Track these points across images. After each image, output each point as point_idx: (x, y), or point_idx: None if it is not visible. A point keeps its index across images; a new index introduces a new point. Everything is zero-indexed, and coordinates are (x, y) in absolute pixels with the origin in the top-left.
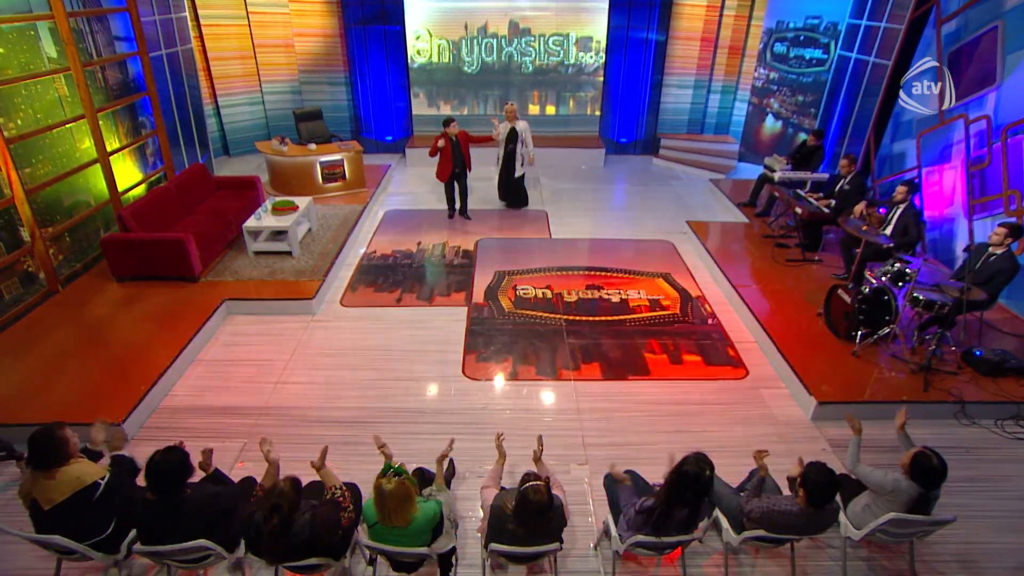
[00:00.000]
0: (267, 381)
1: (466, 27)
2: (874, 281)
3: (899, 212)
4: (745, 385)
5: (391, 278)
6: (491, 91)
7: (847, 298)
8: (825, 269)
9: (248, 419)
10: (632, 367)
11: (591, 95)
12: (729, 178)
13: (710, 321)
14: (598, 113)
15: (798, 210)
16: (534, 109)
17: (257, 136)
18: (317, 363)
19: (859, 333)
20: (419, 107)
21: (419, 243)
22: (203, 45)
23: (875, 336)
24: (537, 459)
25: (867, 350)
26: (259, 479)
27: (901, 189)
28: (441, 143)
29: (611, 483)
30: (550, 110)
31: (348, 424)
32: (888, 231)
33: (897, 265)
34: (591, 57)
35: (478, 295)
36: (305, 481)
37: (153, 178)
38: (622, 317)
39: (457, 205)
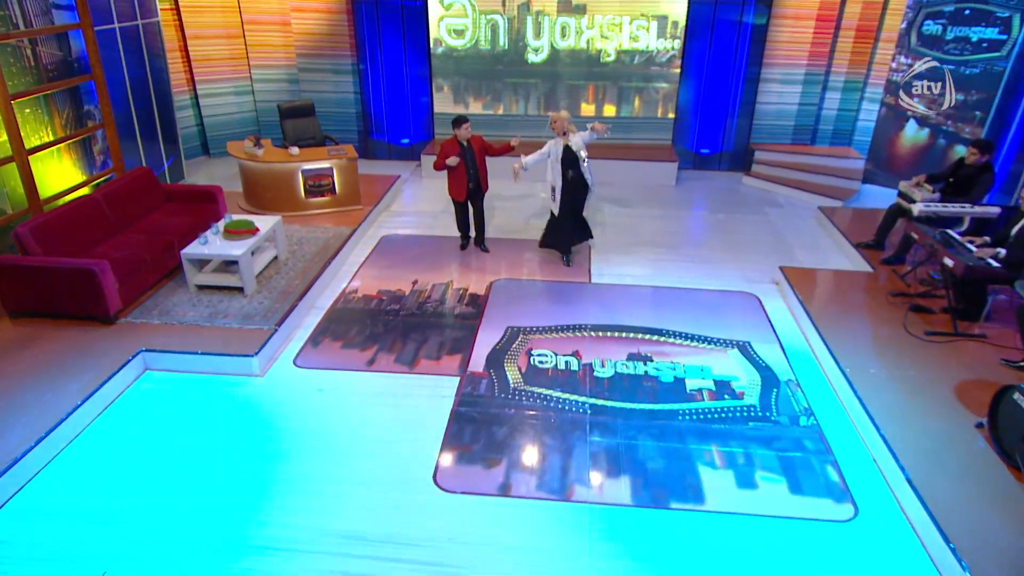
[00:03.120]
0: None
1: (504, 3)
2: None
3: None
4: (854, 533)
5: (369, 330)
6: (534, 82)
7: None
8: (991, 352)
9: (115, 533)
10: (679, 488)
11: (663, 92)
12: (848, 206)
13: (805, 422)
14: (672, 116)
15: (948, 261)
16: (588, 109)
17: (244, 134)
18: (241, 449)
19: None
20: (442, 103)
21: (415, 282)
22: (179, 19)
23: None
24: None
25: None
26: None
27: None
28: (453, 161)
29: None
30: (608, 111)
31: (258, 554)
32: None
33: None
34: (665, 43)
35: (478, 361)
36: None
37: (99, 181)
38: (674, 406)
39: (472, 233)
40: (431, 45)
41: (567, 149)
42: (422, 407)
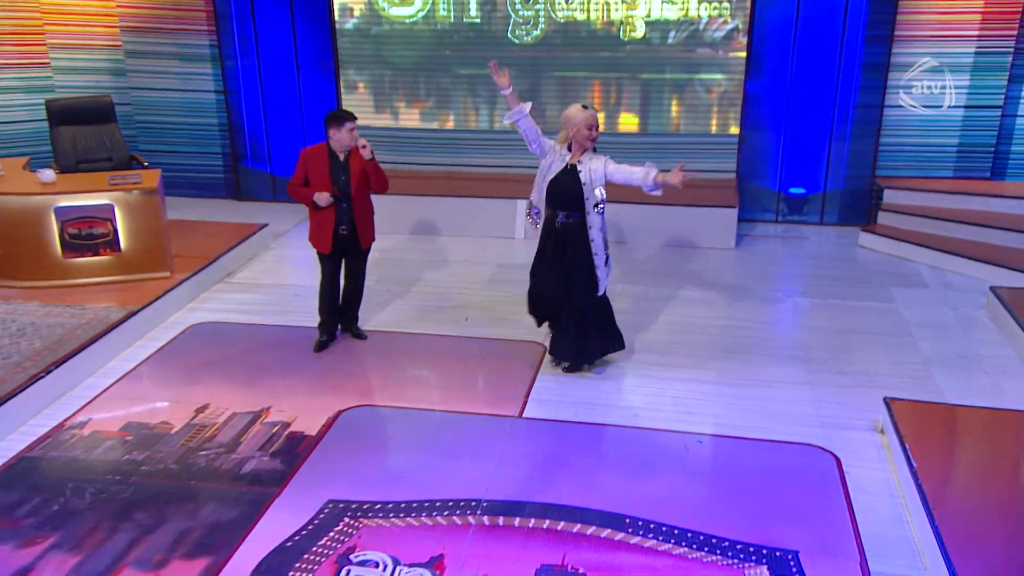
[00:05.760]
0: None
1: None
2: None
3: None
4: None
5: (62, 502)
6: (512, 70)
7: None
8: None
9: None
10: None
11: (719, 90)
12: None
13: None
14: (735, 131)
15: None
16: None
17: (33, 152)
18: None
19: None
20: (356, 111)
21: (201, 409)
22: None
23: None
24: None
25: None
26: None
27: None
28: (323, 199)
29: None
30: (628, 123)
31: None
32: None
33: None
34: (716, 8)
35: (237, 574)
36: None
37: None
38: None
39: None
40: (336, 16)
41: (569, 172)
42: None
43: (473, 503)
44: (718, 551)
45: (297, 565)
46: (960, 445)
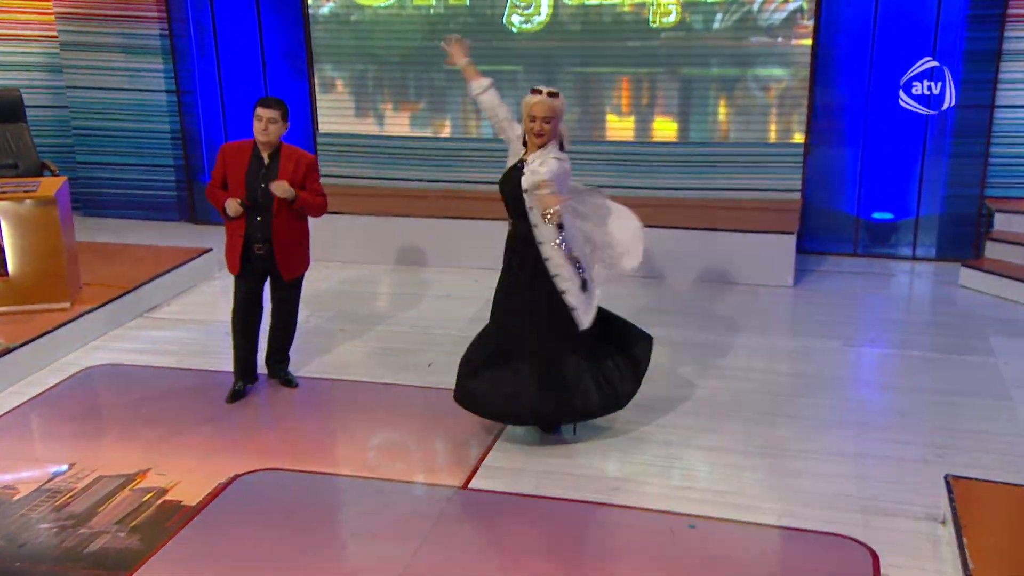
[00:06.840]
0: None
1: None
2: None
3: None
4: None
5: None
6: (512, 70)
7: None
8: None
9: None
10: None
11: (779, 89)
12: None
13: None
14: (799, 139)
15: None
16: (620, 127)
17: None
18: None
19: None
20: (333, 115)
21: (66, 469)
22: None
23: None
24: None
25: None
26: None
27: None
28: (234, 208)
29: None
30: (663, 130)
31: None
32: None
33: None
34: None
35: None
36: None
37: None
38: None
39: (262, 353)
40: (309, 0)
41: (516, 169)
42: None
43: None
44: None
45: None
46: None
